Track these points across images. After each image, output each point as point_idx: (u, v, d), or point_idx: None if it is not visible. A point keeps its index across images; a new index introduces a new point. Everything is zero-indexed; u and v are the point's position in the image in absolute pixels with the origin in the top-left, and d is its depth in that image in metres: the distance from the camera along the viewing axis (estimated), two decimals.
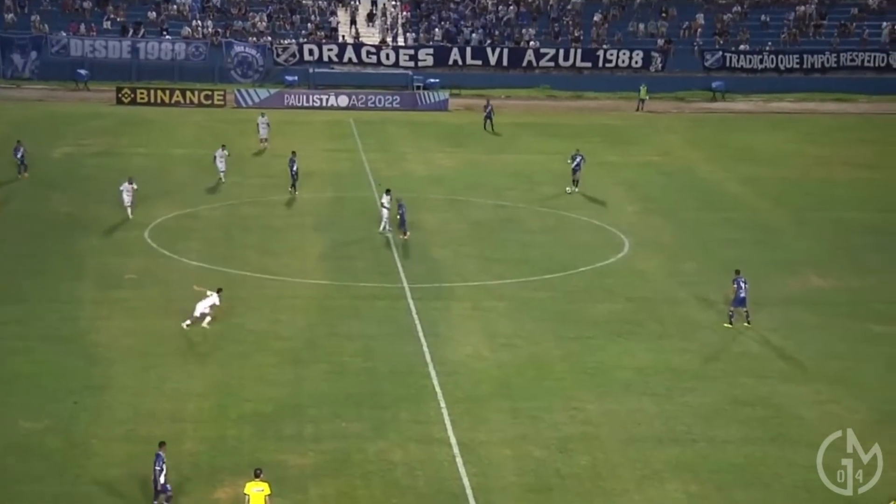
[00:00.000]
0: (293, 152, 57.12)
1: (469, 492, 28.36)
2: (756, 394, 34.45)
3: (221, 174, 57.65)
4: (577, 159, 57.35)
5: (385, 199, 49.61)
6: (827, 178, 62.87)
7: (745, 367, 36.48)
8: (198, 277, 43.74)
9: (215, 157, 57.72)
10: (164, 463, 27.11)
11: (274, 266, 45.25)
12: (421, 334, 38.45)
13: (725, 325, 40.00)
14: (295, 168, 55.92)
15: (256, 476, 26.33)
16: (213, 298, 38.54)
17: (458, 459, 29.76)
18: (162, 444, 27.73)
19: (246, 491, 26.16)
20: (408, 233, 48.55)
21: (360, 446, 30.48)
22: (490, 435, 31.37)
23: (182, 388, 33.70)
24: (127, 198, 50.64)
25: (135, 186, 51.09)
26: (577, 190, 57.05)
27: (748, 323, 39.86)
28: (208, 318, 38.37)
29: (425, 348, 37.26)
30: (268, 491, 26.05)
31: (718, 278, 43.92)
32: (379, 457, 29.97)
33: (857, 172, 64.56)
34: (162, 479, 27.02)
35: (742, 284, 39.81)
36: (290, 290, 42.85)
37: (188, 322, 38.25)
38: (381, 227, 49.44)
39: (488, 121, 72.44)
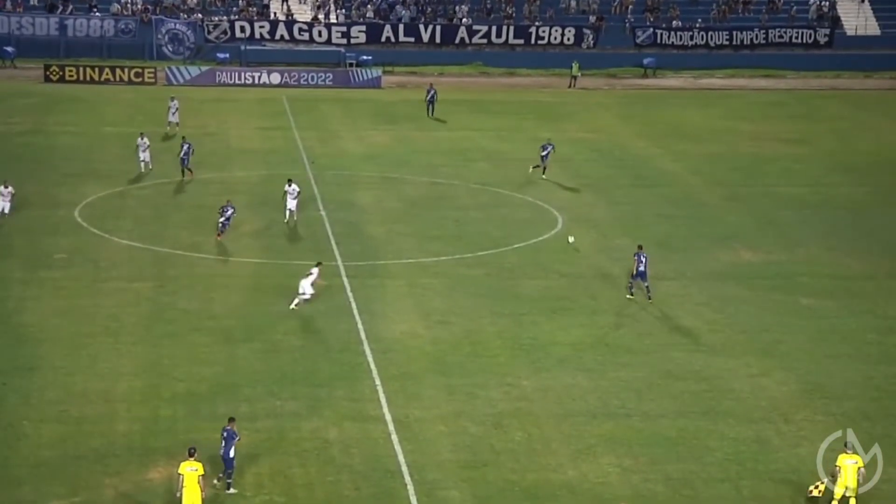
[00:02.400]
0: (183, 137, 54.97)
1: (404, 468, 28.41)
2: (688, 368, 34.81)
3: (142, 164, 54.58)
4: (548, 148, 56.80)
5: (289, 188, 47.21)
6: (756, 154, 63.50)
7: (677, 342, 36.83)
8: (128, 256, 43.40)
9: (137, 147, 54.82)
10: (235, 439, 27.27)
11: (206, 245, 44.93)
12: (356, 312, 38.40)
13: (627, 296, 40.49)
14: (184, 153, 53.44)
15: (190, 456, 26.17)
16: (314, 275, 38.41)
17: (394, 437, 29.80)
18: (230, 420, 27.86)
19: (179, 471, 26.01)
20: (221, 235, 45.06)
21: (295, 425, 30.43)
22: (425, 412, 31.43)
23: (114, 368, 33.43)
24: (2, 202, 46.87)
25: (12, 191, 47.16)
26: (543, 177, 56.42)
27: (649, 299, 40.22)
28: (310, 294, 38.05)
29: (360, 326, 37.23)
30: (201, 471, 25.91)
31: (651, 253, 44.15)
32: (314, 435, 29.93)
33: (786, 148, 65.27)
34: (231, 454, 27.11)
35: (642, 259, 40.39)
36: (223, 268, 42.59)
37: (296, 302, 38.05)
38: (287, 218, 47.24)
39: (431, 106, 71.32)
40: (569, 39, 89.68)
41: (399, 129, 67.83)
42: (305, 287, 38.12)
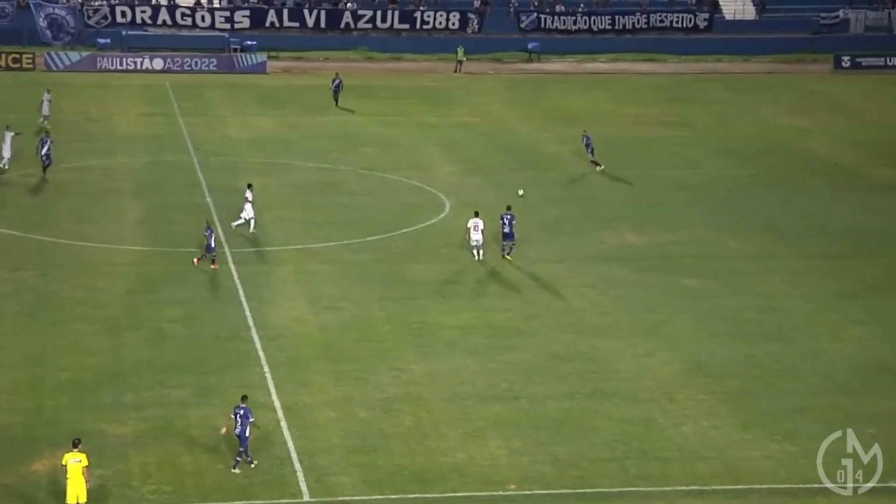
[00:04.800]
0: (46, 132, 52.70)
1: (294, 455, 28.35)
2: (575, 349, 35.20)
3: (5, 161, 51.92)
4: (587, 139, 56.60)
5: (249, 194, 45.08)
6: (640, 137, 64.32)
7: (563, 324, 37.21)
8: (9, 245, 42.55)
9: (3, 139, 52.35)
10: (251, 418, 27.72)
11: (90, 232, 44.24)
12: (243, 299, 38.16)
13: (505, 257, 42.27)
14: (45, 150, 50.90)
15: (75, 447, 25.78)
16: (473, 224, 41.46)
17: (283, 423, 29.71)
18: (244, 398, 28.07)
19: (63, 462, 25.63)
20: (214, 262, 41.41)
21: (182, 413, 30.17)
22: (314, 398, 31.38)
23: None
24: None
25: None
26: (601, 167, 56.00)
27: (506, 257, 42.15)
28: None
29: (248, 313, 37.00)
30: (85, 462, 25.54)
31: (538, 236, 44.68)
32: (202, 422, 29.70)
33: (669, 131, 66.22)
34: (247, 433, 27.43)
35: (507, 220, 42.21)
36: (108, 256, 41.99)
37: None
38: (237, 222, 44.69)
39: (336, 95, 69.61)
40: (454, 24, 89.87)
41: (285, 114, 67.42)
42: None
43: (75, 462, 25.49)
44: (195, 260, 40.90)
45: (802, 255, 44.87)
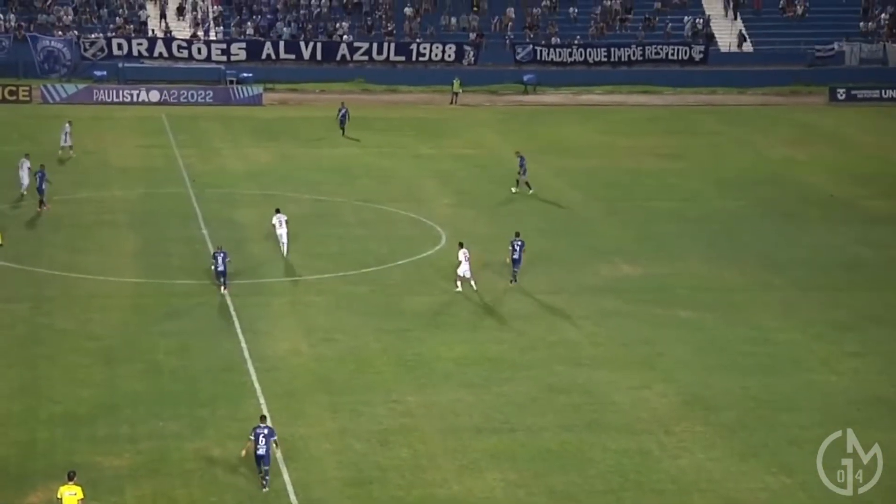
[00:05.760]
0: (42, 166, 51.91)
1: (290, 487, 28.27)
2: (571, 381, 35.16)
3: (24, 188, 52.56)
4: (521, 160, 57.18)
5: (276, 220, 45.61)
6: (634, 169, 64.42)
7: (559, 356, 37.18)
8: (3, 277, 42.51)
9: (19, 167, 52.93)
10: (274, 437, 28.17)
11: (84, 264, 44.22)
12: (239, 331, 38.12)
13: (510, 282, 43.21)
14: (44, 184, 50.80)
15: (70, 479, 25.72)
16: (463, 255, 41.85)
17: (278, 455, 29.58)
18: (263, 418, 29.13)
19: (59, 495, 25.55)
20: (226, 286, 41.76)
21: (178, 445, 30.08)
22: (310, 429, 31.31)
23: None
24: None
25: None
26: (531, 191, 57.02)
27: (512, 282, 43.23)
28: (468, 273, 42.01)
29: (243, 345, 36.96)
30: (81, 495, 25.47)
31: (533, 268, 44.67)
32: (198, 455, 29.62)
33: (663, 163, 66.33)
34: (262, 451, 27.89)
35: (516, 247, 43.25)
36: (103, 288, 41.95)
37: (473, 285, 42.16)
38: (284, 252, 45.40)
39: (343, 125, 69.82)
40: (450, 56, 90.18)
41: (281, 146, 67.52)
42: (463, 271, 41.97)
43: (70, 495, 25.41)
44: (222, 288, 41.36)
45: (797, 286, 44.89)
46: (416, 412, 32.73)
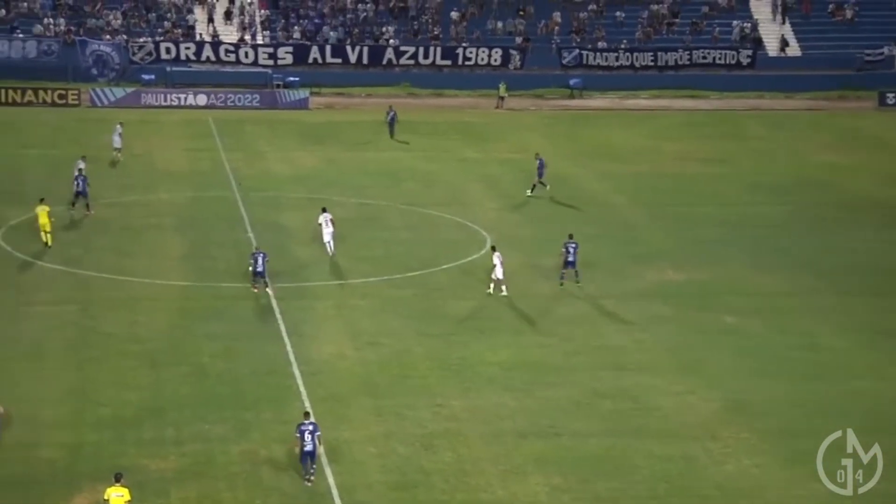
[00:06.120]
0: (80, 169, 52.36)
1: (334, 490, 28.36)
2: (615, 386, 35.06)
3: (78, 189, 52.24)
4: (540, 163, 57.52)
5: (322, 219, 46.37)
6: (680, 174, 64.18)
7: (604, 361, 37.09)
8: (52, 280, 42.93)
9: (75, 169, 52.96)
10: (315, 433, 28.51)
11: (131, 267, 44.55)
12: (284, 334, 38.28)
13: (560, 285, 43.07)
14: (80, 185, 50.93)
15: (117, 481, 25.94)
16: (497, 259, 41.93)
17: (323, 458, 29.69)
18: (307, 414, 29.58)
19: (105, 496, 25.78)
20: (268, 285, 42.50)
21: (223, 448, 30.25)
22: (354, 433, 31.39)
23: (36, 394, 33.01)
24: None
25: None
26: (547, 187, 57.47)
27: (578, 282, 43.36)
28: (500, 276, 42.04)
29: (289, 348, 37.11)
30: (128, 496, 25.69)
31: (559, 274, 44.51)
32: (243, 458, 29.78)
33: (708, 167, 66.01)
34: (309, 447, 28.12)
35: (570, 249, 43.32)
36: (149, 291, 42.24)
37: (503, 290, 42.01)
38: (330, 251, 46.16)
39: (391, 127, 70.44)
40: (496, 60, 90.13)
41: (326, 149, 67.73)
42: (498, 274, 42.03)
43: (118, 496, 25.64)
44: (266, 288, 41.79)
45: (843, 292, 44.54)
46: (460, 416, 32.75)
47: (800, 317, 41.69)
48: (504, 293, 42.30)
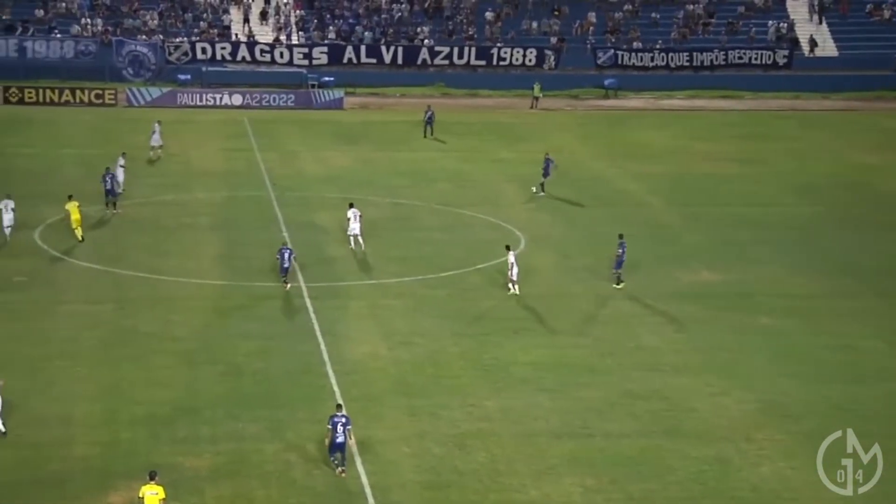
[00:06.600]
0: (107, 168, 52.43)
1: (367, 490, 28.39)
2: (649, 387, 34.95)
3: (120, 187, 53.07)
4: (548, 163, 57.66)
5: (350, 213, 47.04)
6: (715, 174, 63.92)
7: (638, 361, 36.97)
8: (88, 278, 43.18)
9: (117, 166, 53.99)
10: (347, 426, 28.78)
11: (166, 267, 44.75)
12: (318, 333, 38.36)
13: (614, 286, 43.10)
14: (108, 183, 51.28)
15: (151, 479, 26.06)
16: (512, 259, 42.10)
17: (357, 458, 29.74)
18: (339, 406, 29.72)
19: (140, 494, 25.90)
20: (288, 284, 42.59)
21: (257, 447, 30.34)
22: (388, 433, 31.42)
23: (71, 392, 33.22)
24: (8, 218, 46.83)
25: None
26: (542, 194, 57.57)
27: (617, 285, 43.16)
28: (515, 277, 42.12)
29: (322, 348, 37.18)
30: (162, 494, 25.80)
31: (611, 273, 44.42)
32: (276, 457, 29.86)
33: (744, 168, 65.71)
34: (341, 438, 28.41)
35: (621, 249, 43.37)
36: (184, 290, 42.42)
37: (515, 290, 42.03)
38: (352, 244, 46.96)
39: (428, 127, 70.89)
40: (530, 60, 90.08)
41: (361, 150, 67.85)
42: (514, 275, 41.92)
43: (152, 494, 25.75)
44: (288, 286, 42.16)
45: (879, 294, 44.26)
46: (493, 416, 32.72)
47: (835, 318, 41.44)
48: (516, 292, 42.19)
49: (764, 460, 30.53)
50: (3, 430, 30.13)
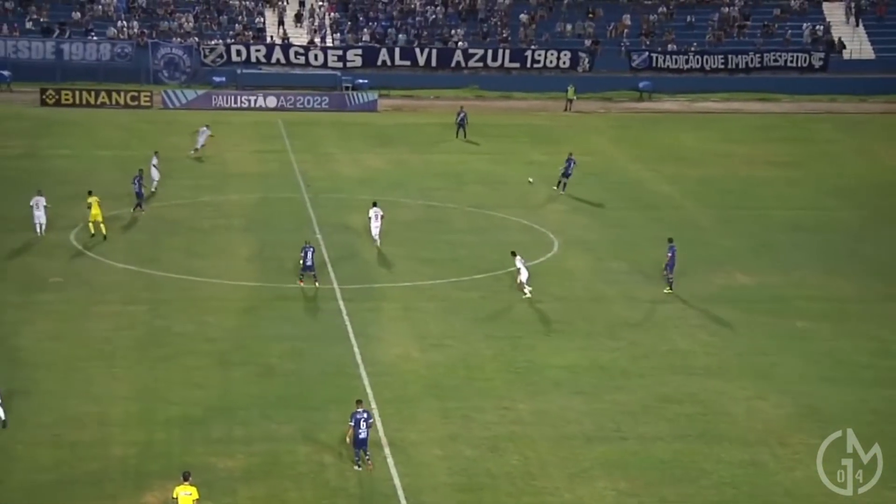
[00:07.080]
0: (140, 170, 52.98)
1: (400, 492, 28.40)
2: (684, 391, 34.80)
3: (155, 182, 55.13)
4: (569, 163, 58.01)
5: (372, 213, 48.06)
6: (750, 177, 63.63)
7: (672, 365, 36.83)
8: (123, 279, 43.40)
9: (150, 164, 55.26)
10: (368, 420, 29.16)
11: (201, 268, 44.93)
12: (351, 335, 38.41)
13: (665, 291, 43.13)
14: (137, 187, 51.82)
15: (185, 479, 26.17)
16: (520, 262, 42.18)
17: (389, 460, 29.77)
18: (359, 402, 29.77)
19: (174, 495, 26.02)
20: (316, 280, 43.16)
21: (290, 448, 30.41)
22: (421, 435, 31.42)
23: (108, 392, 33.41)
24: (39, 214, 47.68)
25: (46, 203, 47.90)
26: (559, 191, 58.07)
27: (668, 289, 43.02)
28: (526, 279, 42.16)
29: (355, 349, 37.22)
30: (196, 495, 25.90)
31: (645, 277, 44.32)
32: (309, 458, 29.92)
33: (779, 171, 65.39)
34: (363, 434, 28.87)
35: (668, 253, 43.19)
36: (218, 291, 42.57)
37: (527, 292, 41.94)
38: (374, 241, 47.82)
39: (461, 129, 71.22)
40: (564, 63, 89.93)
41: (394, 152, 67.92)
42: (523, 277, 42.07)
43: (186, 495, 25.85)
44: (316, 283, 42.60)
45: None
46: (526, 419, 32.67)
47: (872, 322, 41.15)
48: (529, 296, 42.12)
49: (798, 465, 30.34)
50: (4, 418, 30.46)
